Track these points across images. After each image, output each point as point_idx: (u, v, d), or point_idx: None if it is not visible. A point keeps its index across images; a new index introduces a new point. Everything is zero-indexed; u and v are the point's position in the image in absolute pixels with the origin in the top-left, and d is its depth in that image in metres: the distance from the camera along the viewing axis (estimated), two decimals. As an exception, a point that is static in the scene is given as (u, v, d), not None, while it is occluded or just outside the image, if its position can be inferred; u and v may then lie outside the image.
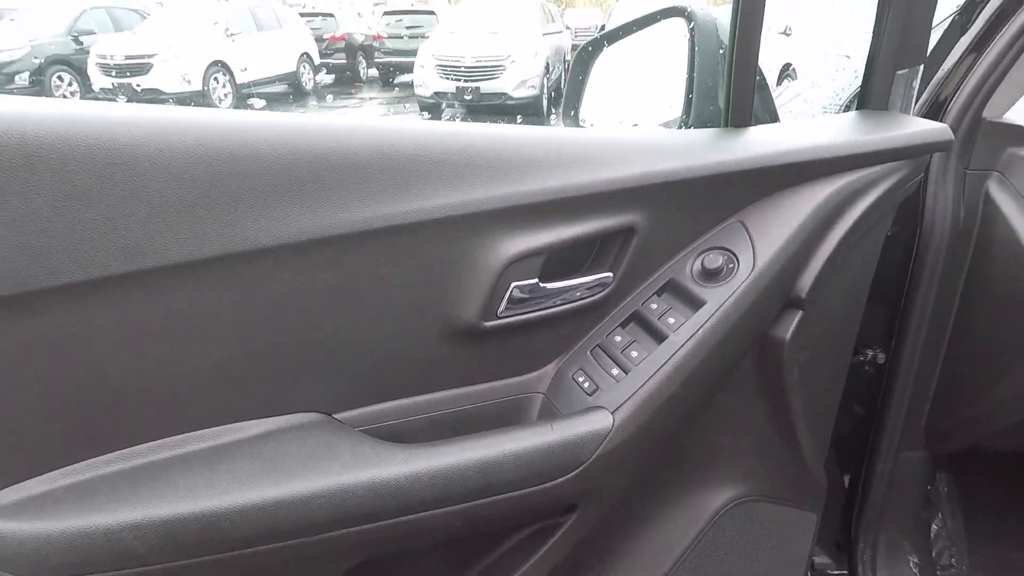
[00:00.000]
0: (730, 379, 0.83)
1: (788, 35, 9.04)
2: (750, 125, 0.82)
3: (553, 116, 8.83)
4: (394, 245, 0.65)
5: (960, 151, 1.00)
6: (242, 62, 9.74)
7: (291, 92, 11.06)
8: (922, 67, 0.87)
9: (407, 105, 10.07)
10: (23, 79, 9.00)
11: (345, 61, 12.70)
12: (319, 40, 12.01)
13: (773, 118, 0.96)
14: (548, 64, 8.99)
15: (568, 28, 12.80)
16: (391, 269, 0.66)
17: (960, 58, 0.98)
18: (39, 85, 9.08)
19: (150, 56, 8.85)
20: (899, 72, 0.86)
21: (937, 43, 1.02)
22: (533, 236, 0.70)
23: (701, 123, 0.92)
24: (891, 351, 1.11)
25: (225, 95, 9.49)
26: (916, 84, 0.88)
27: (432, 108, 8.78)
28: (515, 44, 8.57)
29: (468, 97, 8.45)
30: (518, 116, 8.47)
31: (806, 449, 0.94)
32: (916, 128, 0.82)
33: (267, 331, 0.64)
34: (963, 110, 0.97)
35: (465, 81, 8.49)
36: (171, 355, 0.61)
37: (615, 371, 0.75)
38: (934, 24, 1.06)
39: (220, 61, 9.44)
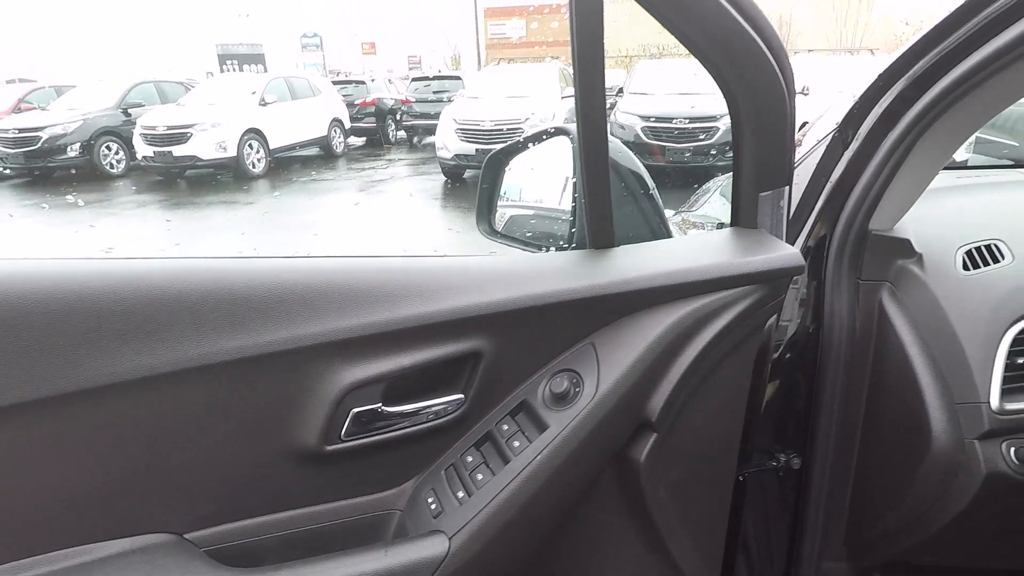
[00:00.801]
0: (591, 499, 0.83)
1: (806, 95, 9.14)
2: (613, 245, 0.85)
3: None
4: (232, 377, 0.70)
5: (851, 263, 1.01)
6: (276, 129, 10.27)
7: (322, 154, 11.58)
8: (787, 188, 0.89)
9: (427, 164, 10.40)
10: (75, 150, 9.67)
11: (375, 124, 13.25)
12: (351, 105, 12.61)
13: (658, 232, 0.97)
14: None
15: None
16: (231, 399, 0.71)
17: (843, 173, 1.00)
18: (89, 154, 9.75)
19: (190, 126, 9.42)
20: (762, 194, 0.88)
21: (823, 156, 1.04)
22: (371, 365, 0.74)
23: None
24: (805, 457, 1.10)
25: (259, 159, 9.97)
26: (784, 203, 0.90)
27: (453, 169, 9.03)
28: (533, 107, 8.85)
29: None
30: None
31: (688, 568, 0.92)
32: (771, 254, 0.84)
33: (113, 459, 0.69)
34: (849, 223, 0.99)
35: (484, 143, 8.74)
36: (15, 486, 0.66)
37: (460, 493, 0.77)
38: (822, 137, 1.09)
39: (255, 128, 9.96)
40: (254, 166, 9.86)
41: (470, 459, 0.79)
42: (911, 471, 0.99)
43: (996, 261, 1.01)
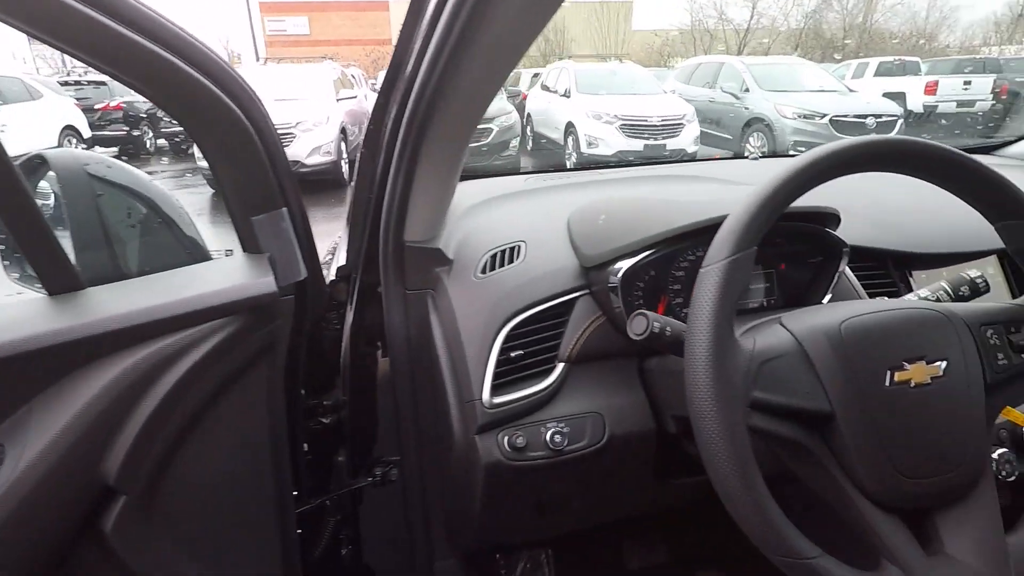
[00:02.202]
0: None
1: (568, 97, 9.73)
2: (77, 288, 0.74)
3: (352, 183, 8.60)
4: None
5: (395, 275, 1.05)
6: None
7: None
8: (285, 209, 0.87)
9: (194, 175, 9.30)
10: None
11: (126, 132, 11.53)
12: (90, 110, 10.81)
13: (184, 259, 0.90)
14: (345, 130, 8.79)
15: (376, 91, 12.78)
16: None
17: (377, 188, 1.00)
18: None
19: None
20: (255, 218, 0.85)
21: (358, 172, 1.05)
22: None
23: (92, 281, 0.79)
24: (401, 467, 1.17)
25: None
26: (287, 224, 0.88)
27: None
28: (304, 111, 8.26)
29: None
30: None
31: None
32: (248, 282, 0.82)
33: None
34: (386, 236, 1.01)
35: (252, 151, 7.98)
36: None
37: None
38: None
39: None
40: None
41: None
42: (448, 468, 1.06)
43: (512, 263, 1.08)
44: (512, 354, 0.94)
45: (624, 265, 0.92)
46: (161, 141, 11.87)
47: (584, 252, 1.01)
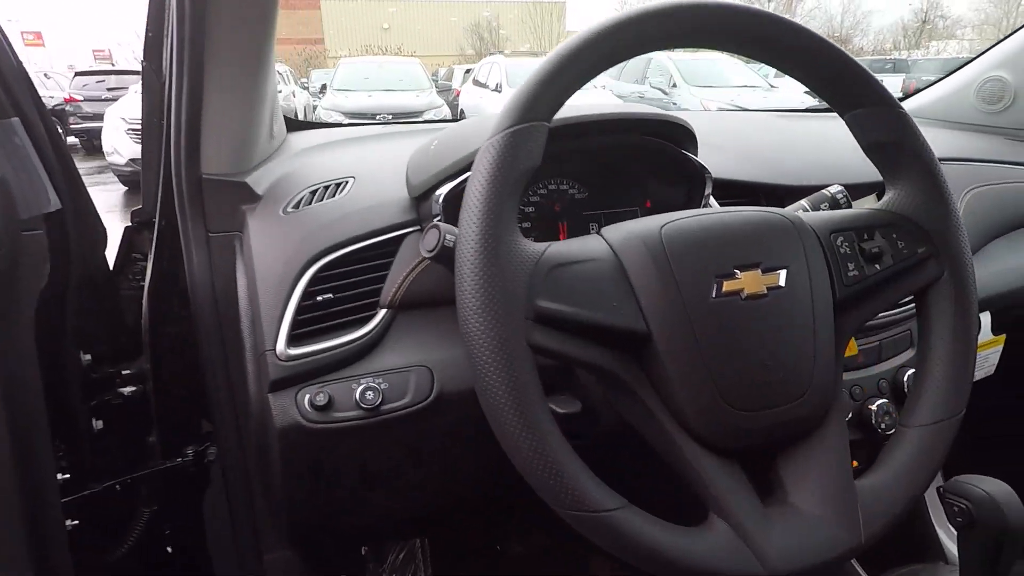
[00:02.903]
0: None
1: (499, 92, 9.70)
2: None
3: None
4: None
5: (194, 214, 0.88)
6: None
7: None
8: (16, 120, 0.73)
9: (104, 173, 8.71)
10: None
11: (30, 128, 10.72)
12: (-14, 105, 10.00)
13: None
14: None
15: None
16: None
17: (170, 111, 0.85)
18: None
19: None
20: None
21: (143, 93, 0.92)
22: None
23: None
24: (217, 443, 0.98)
25: None
26: (20, 140, 0.73)
27: (131, 177, 7.69)
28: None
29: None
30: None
31: None
32: None
33: None
34: (178, 168, 0.86)
35: (166, 145, 7.56)
36: None
37: None
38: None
39: None
40: None
41: None
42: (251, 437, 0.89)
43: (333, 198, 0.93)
44: (319, 298, 0.79)
45: (446, 189, 0.79)
46: (72, 139, 11.10)
47: (411, 182, 0.87)
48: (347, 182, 0.93)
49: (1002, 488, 0.72)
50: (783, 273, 0.57)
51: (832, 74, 0.62)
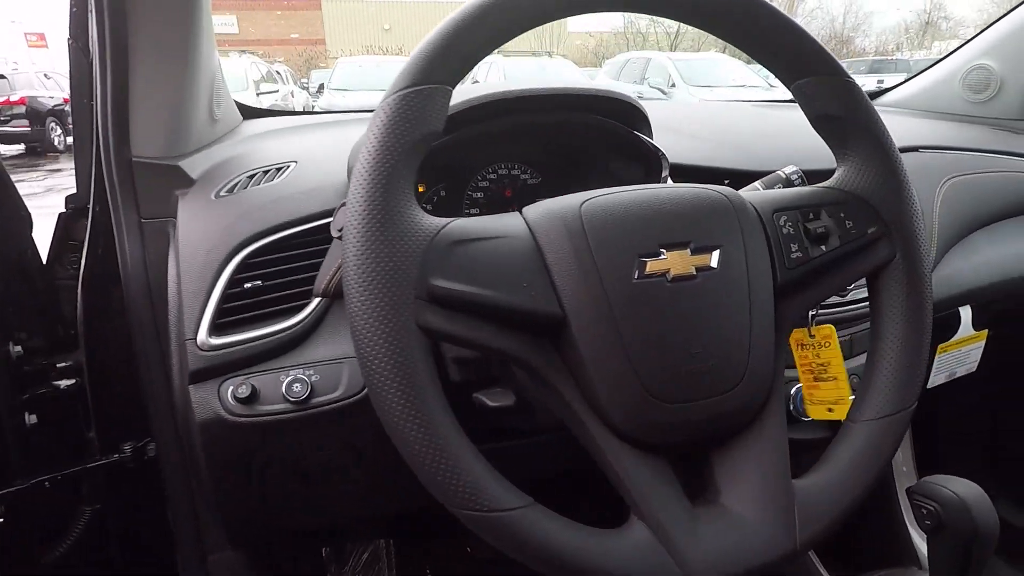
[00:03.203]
0: None
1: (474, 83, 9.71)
2: None
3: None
4: None
5: (125, 199, 0.84)
6: None
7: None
8: None
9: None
10: None
11: (28, 128, 10.77)
12: (-15, 104, 10.05)
13: None
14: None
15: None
16: None
17: (98, 88, 0.81)
18: None
19: None
20: None
21: (70, 70, 0.87)
22: None
23: None
24: (156, 439, 0.93)
25: None
26: None
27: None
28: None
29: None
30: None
31: None
32: None
33: None
34: (106, 150, 0.82)
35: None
36: None
37: None
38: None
39: None
40: None
41: None
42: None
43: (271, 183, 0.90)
44: (247, 285, 0.75)
45: None
46: (69, 139, 11.13)
47: (350, 165, 0.83)
48: (288, 166, 0.89)
49: (972, 489, 0.67)
50: (716, 254, 0.53)
51: (779, 43, 0.58)
